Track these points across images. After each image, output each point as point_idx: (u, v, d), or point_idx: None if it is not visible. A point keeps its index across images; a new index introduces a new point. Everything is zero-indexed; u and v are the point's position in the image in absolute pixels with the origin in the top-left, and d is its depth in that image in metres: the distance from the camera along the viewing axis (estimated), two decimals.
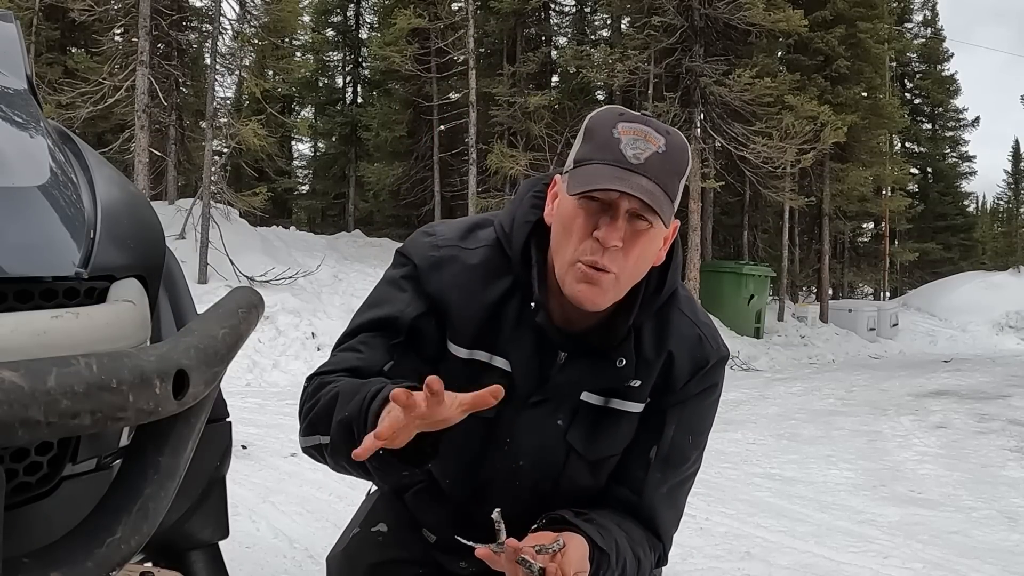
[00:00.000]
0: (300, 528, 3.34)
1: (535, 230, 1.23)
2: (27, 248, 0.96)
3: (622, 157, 1.11)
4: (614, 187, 1.09)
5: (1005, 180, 41.89)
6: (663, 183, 1.12)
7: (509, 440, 1.28)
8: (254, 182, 15.63)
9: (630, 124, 1.14)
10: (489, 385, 1.09)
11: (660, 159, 1.12)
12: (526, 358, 1.25)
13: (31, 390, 0.73)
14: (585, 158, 1.14)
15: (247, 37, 13.49)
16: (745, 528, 3.51)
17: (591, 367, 1.25)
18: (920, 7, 28.51)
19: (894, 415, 7.02)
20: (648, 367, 1.26)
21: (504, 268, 1.25)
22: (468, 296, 1.25)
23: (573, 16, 20.27)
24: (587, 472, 1.29)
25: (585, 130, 1.18)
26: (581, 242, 1.14)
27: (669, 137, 1.15)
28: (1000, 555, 3.19)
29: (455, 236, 1.29)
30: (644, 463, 1.28)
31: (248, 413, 6.00)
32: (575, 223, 1.14)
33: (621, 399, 1.27)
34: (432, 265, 1.26)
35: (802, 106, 13.33)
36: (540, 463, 1.28)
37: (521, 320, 1.24)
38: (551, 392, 1.26)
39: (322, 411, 1.16)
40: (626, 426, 1.28)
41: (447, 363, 1.26)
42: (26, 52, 1.61)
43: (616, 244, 1.12)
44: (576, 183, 1.12)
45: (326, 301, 10.70)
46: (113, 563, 0.90)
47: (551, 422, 1.27)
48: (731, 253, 18.51)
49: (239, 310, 1.09)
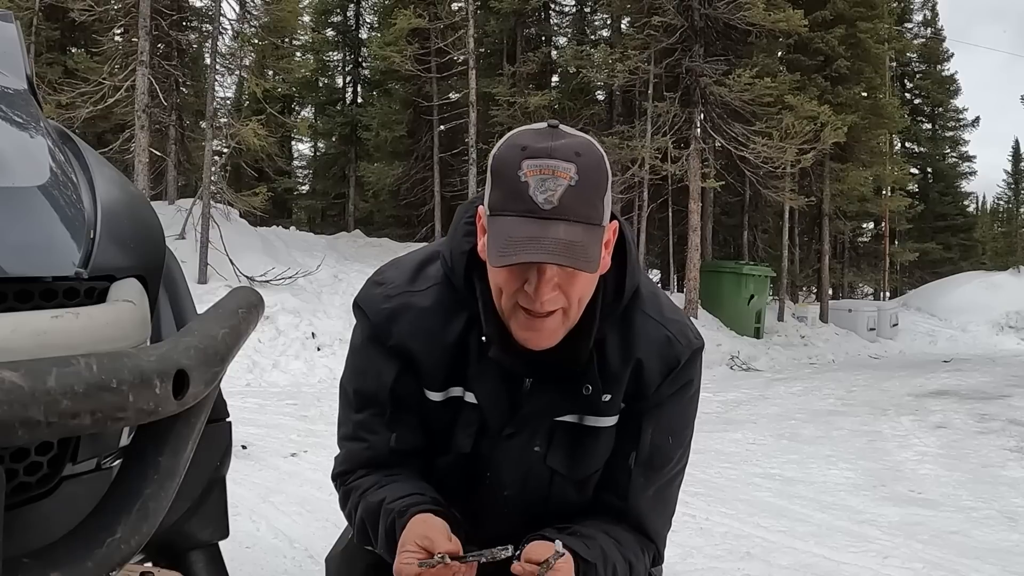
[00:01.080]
0: (300, 528, 3.33)
1: (474, 260, 1.21)
2: (27, 248, 0.96)
3: (534, 205, 1.06)
4: (529, 257, 1.05)
5: (1005, 180, 41.95)
6: (583, 216, 1.08)
7: (489, 474, 1.29)
8: (254, 182, 15.61)
9: (535, 162, 1.07)
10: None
11: (574, 192, 1.06)
12: (492, 391, 1.25)
13: (31, 390, 0.73)
14: (498, 208, 1.10)
15: (247, 37, 13.48)
16: (745, 528, 3.51)
17: (559, 390, 1.24)
18: (920, 7, 28.51)
19: (894, 415, 7.02)
20: (617, 380, 1.25)
21: (458, 303, 1.25)
22: (429, 341, 1.25)
23: (573, 16, 20.27)
24: (573, 491, 1.29)
25: (491, 171, 1.12)
26: (515, 293, 1.12)
27: (580, 159, 1.08)
28: (1000, 555, 3.19)
29: (404, 281, 1.29)
30: (625, 469, 1.27)
31: (248, 413, 5.99)
32: (501, 278, 1.13)
33: (595, 416, 1.26)
34: (387, 319, 1.26)
35: (802, 106, 13.32)
36: (525, 491, 1.29)
37: (483, 353, 1.23)
38: (523, 422, 1.26)
39: (360, 525, 1.27)
40: (604, 441, 1.27)
41: (427, 409, 1.27)
42: (26, 52, 1.61)
43: (552, 292, 1.10)
44: (493, 248, 1.09)
45: (326, 301, 10.70)
46: (113, 563, 0.91)
47: (528, 450, 1.27)
48: (731, 253, 18.51)
49: (239, 310, 1.09)
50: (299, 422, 5.84)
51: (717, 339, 12.06)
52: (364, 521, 1.24)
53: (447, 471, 1.30)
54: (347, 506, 1.30)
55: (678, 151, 13.50)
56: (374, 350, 1.28)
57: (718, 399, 7.89)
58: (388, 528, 1.19)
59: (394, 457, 1.28)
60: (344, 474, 1.32)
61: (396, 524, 1.17)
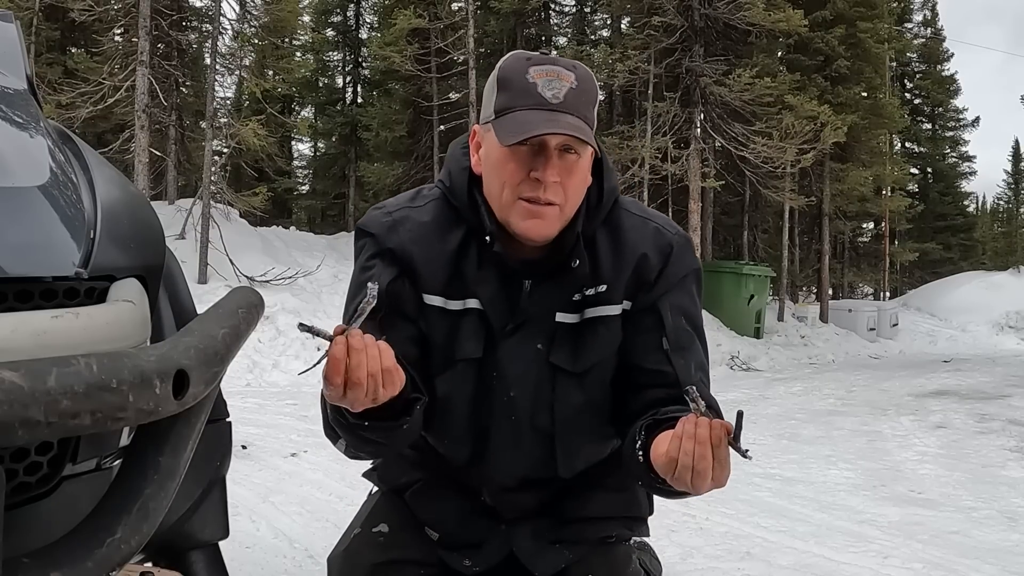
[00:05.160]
0: (300, 528, 3.33)
1: (470, 177, 1.31)
2: (27, 248, 0.96)
3: (543, 100, 1.19)
4: (550, 130, 1.16)
5: (1005, 180, 41.95)
6: (583, 115, 1.21)
7: (495, 374, 1.32)
8: (254, 182, 15.61)
9: (541, 67, 1.21)
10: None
11: (576, 93, 1.21)
12: (494, 293, 1.30)
13: (31, 390, 0.73)
14: (507, 106, 1.21)
15: (247, 37, 13.48)
16: (745, 528, 3.51)
17: (556, 286, 1.31)
18: (920, 7, 28.51)
19: (894, 415, 7.01)
20: (615, 271, 1.31)
21: (455, 219, 1.32)
22: (428, 247, 1.31)
23: (573, 16, 20.27)
24: (577, 390, 1.32)
25: (498, 80, 1.24)
26: (518, 184, 1.21)
27: (577, 71, 1.23)
28: (1000, 555, 3.19)
29: (403, 201, 1.38)
30: (663, 358, 1.31)
31: (248, 413, 5.99)
32: (507, 168, 1.22)
33: (594, 306, 1.31)
34: (388, 228, 1.33)
35: (802, 106, 13.32)
36: (529, 389, 1.32)
37: (482, 262, 1.30)
38: (523, 317, 1.31)
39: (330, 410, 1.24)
40: (607, 331, 1.32)
41: (427, 317, 1.32)
42: (26, 52, 1.61)
43: (556, 179, 1.20)
44: (508, 132, 1.18)
45: (326, 301, 10.70)
46: (113, 563, 0.91)
47: (531, 347, 1.31)
48: (731, 253, 18.50)
49: (239, 310, 1.09)
50: (299, 422, 5.84)
51: (717, 339, 12.05)
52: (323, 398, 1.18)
53: (453, 384, 1.32)
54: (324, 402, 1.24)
55: (678, 151, 13.50)
56: (374, 261, 1.33)
57: (717, 399, 7.85)
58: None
59: None
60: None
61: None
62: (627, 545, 1.47)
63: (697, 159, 13.66)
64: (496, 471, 1.35)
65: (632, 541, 1.50)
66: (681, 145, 13.64)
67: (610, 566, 1.39)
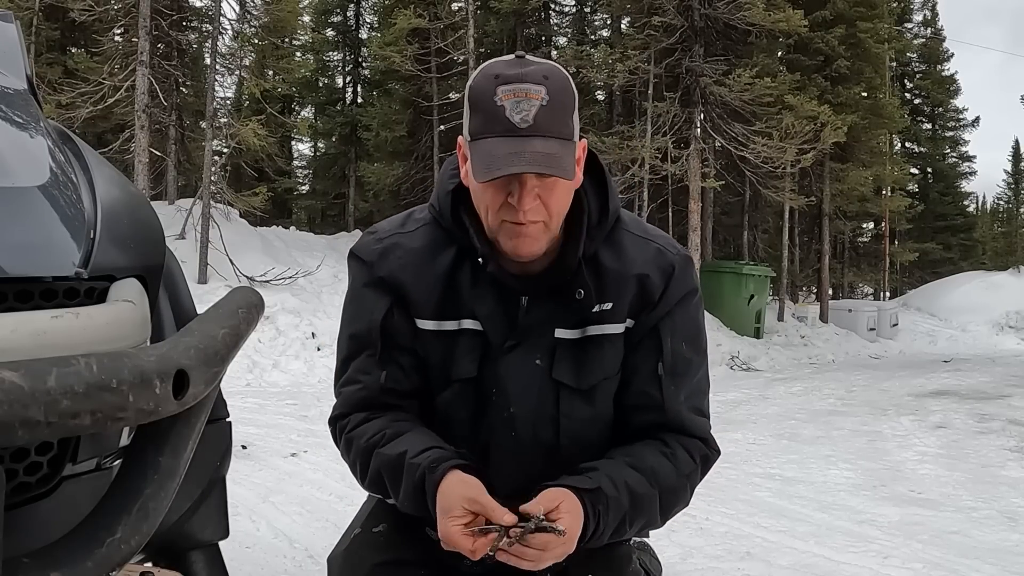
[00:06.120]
0: (300, 528, 3.34)
1: (461, 195, 1.30)
2: (27, 248, 0.96)
3: (511, 126, 1.16)
4: (512, 169, 1.14)
5: (1005, 180, 41.96)
6: (557, 131, 1.18)
7: (495, 390, 1.32)
8: (254, 182, 15.60)
9: (508, 86, 1.17)
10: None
11: (547, 111, 1.17)
12: (492, 310, 1.30)
13: (31, 390, 0.73)
14: (478, 132, 1.20)
15: (247, 37, 13.48)
16: (745, 528, 3.51)
17: (555, 305, 1.30)
18: (920, 7, 28.51)
19: (894, 415, 7.01)
20: (616, 290, 1.31)
21: (446, 241, 1.33)
22: (418, 273, 1.32)
23: (573, 16, 20.27)
24: (582, 404, 1.32)
25: (469, 101, 1.22)
26: (498, 209, 1.21)
27: (548, 81, 1.18)
28: (1000, 555, 3.19)
29: (394, 226, 1.39)
30: (655, 382, 1.32)
31: (248, 413, 6.00)
32: (487, 195, 1.22)
33: (597, 324, 1.31)
34: (379, 255, 1.34)
35: (802, 106, 13.31)
36: (530, 405, 1.32)
37: (476, 281, 1.30)
38: (522, 334, 1.31)
39: (376, 477, 1.29)
40: (611, 348, 1.32)
41: (422, 341, 1.32)
42: (26, 52, 1.61)
43: (534, 203, 1.19)
44: (478, 167, 1.17)
45: (326, 301, 10.69)
46: (113, 563, 0.90)
47: (530, 363, 1.31)
48: (731, 253, 18.49)
49: (239, 310, 1.09)
50: (299, 422, 5.84)
51: (717, 339, 12.05)
52: (381, 474, 1.26)
53: (451, 404, 1.33)
54: (350, 455, 1.32)
55: (678, 151, 13.49)
56: (366, 290, 1.34)
57: (718, 399, 7.84)
58: (417, 484, 1.21)
59: (386, 396, 1.32)
60: (340, 417, 1.35)
61: (427, 480, 1.20)
62: (627, 545, 1.47)
63: (697, 159, 13.66)
64: (497, 484, 1.34)
65: (632, 541, 1.50)
66: (681, 145, 13.64)
67: (610, 566, 1.38)
